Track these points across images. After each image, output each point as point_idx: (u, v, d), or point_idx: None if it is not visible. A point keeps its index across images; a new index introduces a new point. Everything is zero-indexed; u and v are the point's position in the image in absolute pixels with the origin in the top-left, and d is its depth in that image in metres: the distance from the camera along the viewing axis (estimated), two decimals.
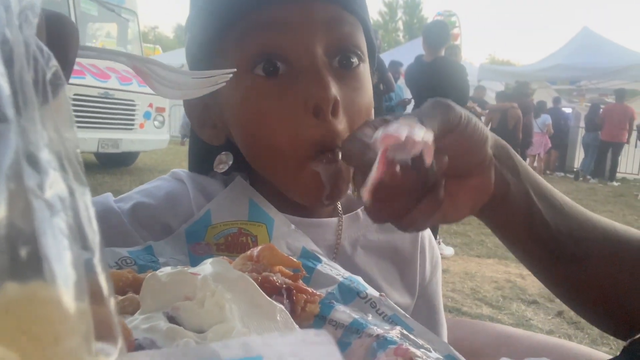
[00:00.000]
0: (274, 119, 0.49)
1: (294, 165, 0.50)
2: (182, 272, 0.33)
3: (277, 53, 0.49)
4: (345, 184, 0.51)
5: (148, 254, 0.46)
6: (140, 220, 0.53)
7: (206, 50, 0.53)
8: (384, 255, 0.60)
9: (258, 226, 0.52)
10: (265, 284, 0.38)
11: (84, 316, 0.12)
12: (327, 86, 0.47)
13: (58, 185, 0.12)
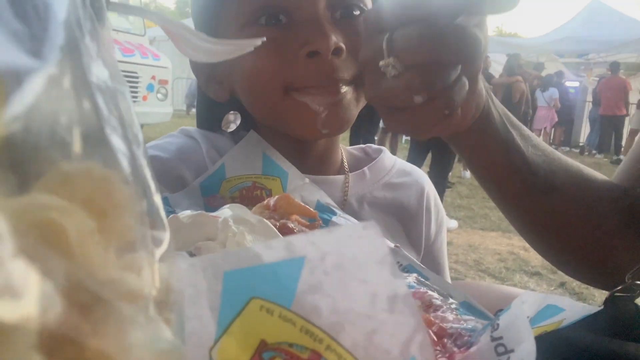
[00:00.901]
0: (269, 69, 0.51)
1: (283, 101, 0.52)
2: (202, 214, 0.33)
3: (279, 5, 0.51)
4: (345, 112, 0.53)
5: (165, 205, 0.46)
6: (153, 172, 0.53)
7: (203, 11, 0.55)
8: (390, 212, 0.61)
9: (272, 180, 0.52)
10: (283, 229, 0.38)
11: (137, 199, 0.12)
12: (327, 34, 0.49)
13: (102, 72, 0.12)
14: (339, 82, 0.51)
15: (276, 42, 0.50)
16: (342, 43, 0.50)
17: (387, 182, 0.63)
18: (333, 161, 0.63)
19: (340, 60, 0.50)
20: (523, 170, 0.48)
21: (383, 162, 0.65)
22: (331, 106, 0.51)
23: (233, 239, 0.32)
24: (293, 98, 0.52)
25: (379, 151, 0.68)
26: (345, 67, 0.51)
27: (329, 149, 0.62)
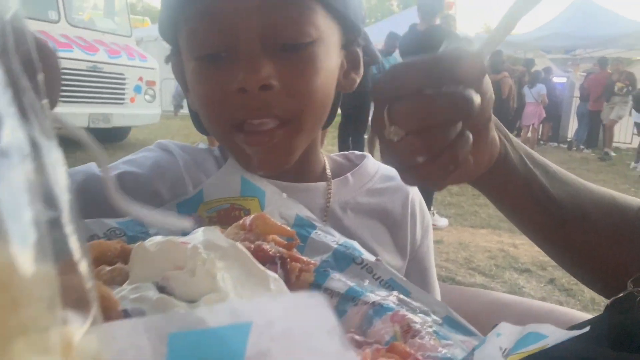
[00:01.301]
0: (208, 99, 0.53)
1: (226, 138, 0.54)
2: (171, 241, 0.32)
3: (220, 42, 0.51)
4: (277, 154, 0.53)
5: (138, 225, 0.45)
6: (126, 188, 0.53)
7: (166, 28, 0.56)
8: (374, 217, 0.61)
9: (250, 200, 0.51)
10: (258, 253, 0.37)
11: (47, 280, 0.10)
12: (254, 70, 0.49)
13: (16, 133, 0.11)
14: (269, 119, 0.51)
15: (216, 78, 0.52)
16: (274, 79, 0.50)
17: (371, 188, 0.63)
18: (314, 168, 0.63)
19: (270, 95, 0.50)
20: (549, 206, 0.47)
21: (366, 168, 0.65)
22: (261, 154, 0.53)
23: (202, 267, 0.31)
24: (233, 139, 0.53)
25: (362, 157, 0.68)
26: (277, 103, 0.51)
27: (309, 156, 0.61)
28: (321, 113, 0.56)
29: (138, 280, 0.30)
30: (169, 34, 0.57)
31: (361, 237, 0.59)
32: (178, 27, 0.54)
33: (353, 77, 0.61)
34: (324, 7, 0.52)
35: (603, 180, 6.70)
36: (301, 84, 0.52)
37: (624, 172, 7.67)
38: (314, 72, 0.52)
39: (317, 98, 0.53)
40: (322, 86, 0.54)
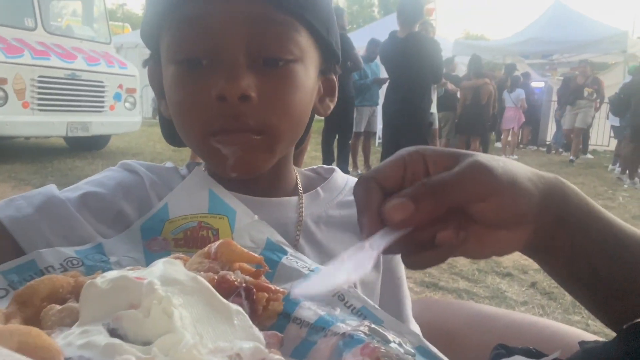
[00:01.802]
0: (186, 104, 0.53)
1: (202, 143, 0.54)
2: (124, 278, 0.30)
3: (202, 49, 0.51)
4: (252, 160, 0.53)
5: (98, 253, 0.43)
6: (90, 209, 0.52)
7: (149, 31, 0.56)
8: (347, 229, 0.61)
9: (219, 219, 0.49)
10: (222, 284, 0.35)
11: None
12: (235, 80, 0.49)
13: None
14: (245, 129, 0.52)
15: (194, 84, 0.52)
16: (253, 91, 0.50)
17: (341, 201, 0.63)
18: (286, 183, 0.63)
19: (248, 106, 0.50)
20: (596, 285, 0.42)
21: (335, 181, 0.66)
22: (239, 153, 0.52)
23: (158, 306, 0.29)
24: (209, 142, 0.53)
25: (331, 171, 0.68)
26: (254, 115, 0.51)
27: (280, 171, 0.62)
28: (296, 129, 0.57)
29: (87, 322, 0.28)
30: (151, 38, 0.57)
31: (334, 250, 0.58)
32: (161, 30, 0.54)
33: (328, 103, 0.63)
34: (309, 31, 0.54)
35: (582, 183, 6.81)
36: (279, 98, 0.52)
37: (602, 174, 7.82)
38: (293, 89, 0.53)
39: (293, 114, 0.54)
40: (299, 103, 0.54)
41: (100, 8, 7.26)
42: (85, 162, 6.13)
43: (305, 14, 0.52)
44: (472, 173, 0.37)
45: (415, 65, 4.01)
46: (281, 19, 0.51)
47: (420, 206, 0.36)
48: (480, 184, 0.37)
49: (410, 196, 0.36)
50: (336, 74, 0.63)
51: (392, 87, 4.34)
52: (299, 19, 0.52)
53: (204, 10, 0.50)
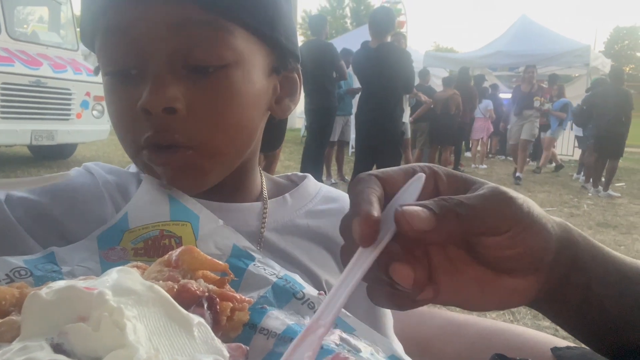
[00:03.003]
0: (118, 118, 0.51)
1: (136, 157, 0.52)
2: (72, 288, 0.27)
3: (125, 59, 0.49)
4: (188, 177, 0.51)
5: (49, 262, 0.40)
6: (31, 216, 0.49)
7: (86, 41, 0.54)
8: (315, 240, 0.57)
9: (182, 225, 0.46)
10: (182, 294, 0.33)
11: None
12: (158, 92, 0.46)
13: None
14: (173, 144, 0.48)
15: (123, 95, 0.49)
16: (179, 102, 0.47)
17: (311, 210, 0.59)
18: (250, 189, 0.60)
19: (174, 119, 0.47)
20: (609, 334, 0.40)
21: (306, 188, 0.62)
22: (169, 172, 0.50)
23: (109, 319, 0.26)
24: (141, 157, 0.51)
25: (303, 178, 0.64)
26: (181, 129, 0.48)
27: (242, 177, 0.58)
28: (238, 140, 0.52)
29: (29, 337, 0.25)
30: (89, 45, 0.54)
31: (299, 259, 0.55)
32: (94, 39, 0.51)
33: (287, 103, 0.58)
34: (247, 30, 0.50)
35: (548, 191, 7.00)
36: (210, 109, 0.49)
37: (567, 182, 8.05)
38: (227, 97, 0.49)
39: (230, 124, 0.50)
40: (236, 113, 0.50)
41: (68, 14, 7.09)
42: (50, 171, 5.93)
43: (238, 13, 0.48)
44: (496, 200, 0.34)
45: (387, 75, 4.05)
46: (208, 20, 0.47)
47: (442, 224, 0.32)
48: (502, 213, 0.34)
49: (435, 210, 0.32)
50: (297, 71, 0.58)
51: (364, 97, 4.37)
52: (231, 19, 0.48)
53: (127, 18, 0.47)
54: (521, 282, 0.37)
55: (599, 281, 0.38)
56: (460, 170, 5.12)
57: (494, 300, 0.38)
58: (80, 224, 0.48)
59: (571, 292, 0.38)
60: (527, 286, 0.37)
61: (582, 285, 0.38)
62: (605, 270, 0.38)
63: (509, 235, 0.34)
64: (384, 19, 4.15)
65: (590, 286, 0.38)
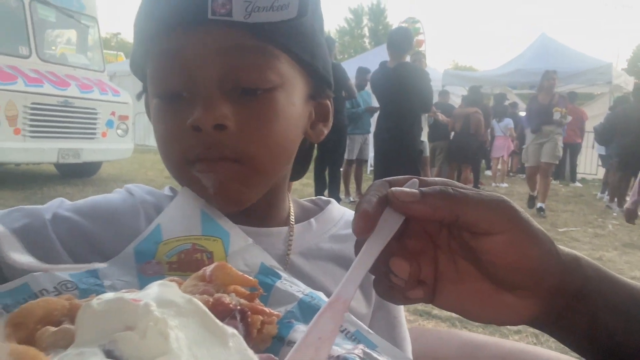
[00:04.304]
0: (166, 136, 0.53)
1: (183, 171, 0.54)
2: (120, 300, 0.30)
3: (177, 82, 0.51)
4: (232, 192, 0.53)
5: (92, 277, 0.43)
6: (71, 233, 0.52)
7: (136, 66, 0.58)
8: (338, 263, 0.59)
9: (213, 241, 0.49)
10: (217, 307, 0.35)
11: None
12: (209, 109, 0.49)
13: None
14: (222, 157, 0.51)
15: (174, 115, 0.52)
16: (229, 120, 0.50)
17: (334, 234, 0.61)
18: (278, 213, 0.62)
19: (224, 135, 0.50)
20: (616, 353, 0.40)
21: (331, 213, 0.64)
22: (218, 182, 0.52)
23: (154, 328, 0.29)
24: (189, 172, 0.53)
25: (327, 202, 0.66)
26: (231, 144, 0.51)
27: (273, 200, 0.60)
28: (280, 158, 0.56)
29: (83, 344, 0.28)
30: (139, 71, 0.57)
31: (323, 283, 0.57)
32: (146, 65, 0.55)
33: (321, 128, 0.62)
34: (291, 57, 0.53)
35: (571, 210, 6.88)
36: (257, 127, 0.52)
37: (591, 202, 7.90)
38: (272, 117, 0.52)
39: (273, 142, 0.53)
40: (279, 131, 0.53)
41: (95, 37, 7.34)
42: (75, 189, 6.09)
43: (284, 41, 0.51)
44: (494, 200, 0.36)
45: (405, 94, 4.08)
46: (258, 46, 0.50)
47: (427, 200, 0.36)
48: (495, 210, 0.36)
49: (422, 190, 0.37)
50: (330, 99, 0.62)
51: (383, 116, 4.40)
52: (277, 45, 0.51)
53: (181, 44, 0.50)
54: (521, 301, 0.38)
55: (608, 310, 0.38)
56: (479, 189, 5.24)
57: (492, 315, 0.39)
58: (119, 241, 0.50)
59: (578, 319, 0.39)
60: (527, 306, 0.38)
61: (589, 314, 0.38)
62: (614, 298, 0.39)
63: (505, 238, 0.36)
64: (402, 40, 4.20)
65: (598, 314, 0.38)
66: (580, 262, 0.39)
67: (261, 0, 0.47)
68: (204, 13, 0.47)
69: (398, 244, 0.38)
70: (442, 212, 0.36)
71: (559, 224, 5.79)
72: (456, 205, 0.36)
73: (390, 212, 0.37)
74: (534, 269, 0.37)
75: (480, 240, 0.37)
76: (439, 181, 0.39)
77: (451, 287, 0.39)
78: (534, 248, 0.37)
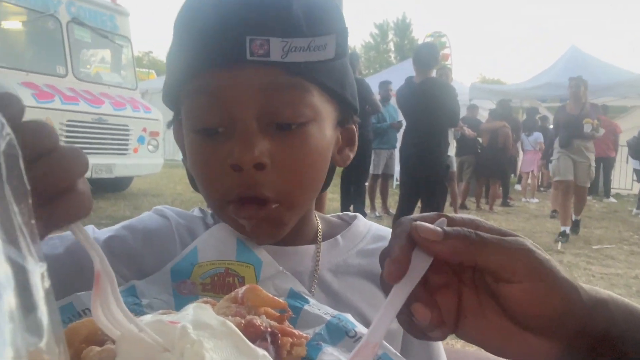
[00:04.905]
0: (204, 173, 0.55)
1: (222, 211, 0.55)
2: (159, 322, 0.32)
3: (214, 118, 0.53)
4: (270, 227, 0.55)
5: (131, 296, 0.45)
6: (113, 252, 0.55)
7: (169, 97, 0.59)
8: (367, 278, 0.60)
9: (246, 267, 0.51)
10: (249, 329, 0.37)
11: None
12: (249, 148, 0.50)
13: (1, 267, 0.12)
14: (260, 198, 0.52)
15: (211, 152, 0.53)
16: (266, 157, 0.51)
17: (362, 249, 0.62)
18: (307, 231, 0.63)
19: (262, 175, 0.51)
20: None
21: (357, 228, 0.65)
22: (254, 222, 0.53)
23: (191, 350, 0.30)
24: (226, 211, 0.54)
25: (354, 218, 0.67)
26: (269, 182, 0.52)
27: (303, 220, 0.62)
28: (313, 189, 0.58)
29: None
30: (172, 102, 0.59)
31: (352, 300, 0.58)
32: (180, 98, 0.56)
33: (347, 153, 0.63)
34: (322, 89, 0.54)
35: (605, 227, 6.66)
36: (293, 163, 0.53)
37: (626, 218, 7.64)
38: (307, 151, 0.54)
39: (309, 176, 0.55)
40: (314, 163, 0.55)
41: (128, 56, 7.60)
42: (108, 203, 6.26)
43: (316, 75, 0.53)
44: (513, 245, 0.36)
45: (431, 110, 4.07)
46: (292, 83, 0.52)
47: (449, 241, 0.36)
48: (516, 259, 0.36)
49: (445, 229, 0.37)
50: (355, 123, 0.63)
51: (408, 131, 4.39)
52: (310, 80, 0.53)
53: (217, 82, 0.51)
54: (544, 342, 0.37)
55: (637, 348, 0.38)
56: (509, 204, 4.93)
57: (514, 352, 0.39)
58: (156, 260, 0.54)
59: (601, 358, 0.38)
60: (550, 347, 0.38)
61: (616, 355, 0.38)
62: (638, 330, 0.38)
63: (525, 288, 0.35)
64: (428, 55, 4.20)
65: (627, 353, 0.38)
66: (607, 305, 0.38)
67: (298, 41, 0.49)
68: (243, 54, 0.49)
69: (421, 284, 0.38)
70: (461, 256, 0.36)
71: (592, 241, 5.62)
72: (476, 251, 0.36)
73: (418, 253, 0.37)
74: (555, 317, 0.36)
75: (500, 285, 0.36)
76: (466, 220, 0.39)
77: (474, 320, 0.39)
78: (555, 297, 0.36)
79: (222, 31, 0.50)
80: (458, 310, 0.39)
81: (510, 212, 7.70)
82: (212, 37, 0.50)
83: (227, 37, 0.50)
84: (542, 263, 0.36)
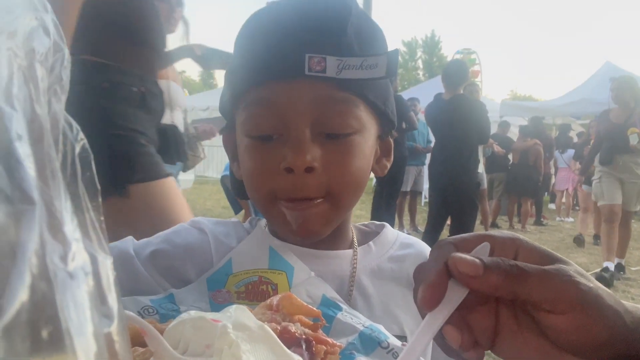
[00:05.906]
0: (259, 176, 0.59)
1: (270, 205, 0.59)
2: (202, 319, 0.33)
3: (269, 127, 0.58)
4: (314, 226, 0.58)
5: (170, 302, 0.47)
6: (157, 266, 0.58)
7: (226, 106, 0.65)
8: (400, 283, 0.64)
9: (278, 274, 0.52)
10: (284, 335, 0.38)
11: None
12: (301, 153, 0.55)
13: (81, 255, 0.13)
14: (309, 197, 0.57)
15: (265, 155, 0.58)
16: (317, 162, 0.56)
17: (392, 255, 0.67)
18: (344, 237, 0.67)
19: (311, 177, 0.56)
20: None
21: (386, 236, 0.69)
22: (301, 219, 0.57)
23: (228, 351, 0.32)
24: (277, 206, 0.58)
25: (382, 226, 0.72)
26: (317, 184, 0.57)
27: (341, 227, 0.65)
28: (357, 193, 0.62)
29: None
30: (227, 112, 0.65)
31: (387, 304, 0.61)
32: (236, 108, 0.62)
33: (384, 162, 0.69)
34: (367, 104, 0.60)
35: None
36: (340, 168, 0.58)
37: None
38: (353, 158, 0.59)
39: (353, 180, 0.59)
40: (358, 170, 0.60)
41: None
42: None
43: (364, 92, 0.58)
44: (556, 277, 0.35)
45: (460, 127, 4.04)
46: (343, 97, 0.57)
47: (488, 275, 0.35)
48: (558, 291, 0.35)
49: (485, 261, 0.36)
50: (392, 137, 0.68)
51: (438, 148, 4.36)
52: (359, 96, 0.58)
53: (276, 93, 0.56)
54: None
55: None
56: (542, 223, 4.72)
57: None
58: (194, 272, 0.57)
59: None
60: None
61: None
62: None
63: (569, 319, 0.35)
64: (457, 72, 4.19)
65: None
66: None
67: (352, 60, 0.54)
68: (301, 69, 0.54)
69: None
70: (501, 292, 0.36)
71: (631, 262, 5.40)
72: (516, 286, 0.35)
73: (455, 282, 0.37)
74: (598, 345, 0.36)
75: (542, 315, 0.36)
76: (507, 241, 0.38)
77: (511, 339, 0.38)
78: (599, 326, 0.35)
79: (283, 48, 0.55)
80: (495, 329, 0.39)
81: (544, 231, 7.50)
82: (273, 53, 0.56)
83: (287, 53, 0.55)
84: (586, 294, 0.35)
